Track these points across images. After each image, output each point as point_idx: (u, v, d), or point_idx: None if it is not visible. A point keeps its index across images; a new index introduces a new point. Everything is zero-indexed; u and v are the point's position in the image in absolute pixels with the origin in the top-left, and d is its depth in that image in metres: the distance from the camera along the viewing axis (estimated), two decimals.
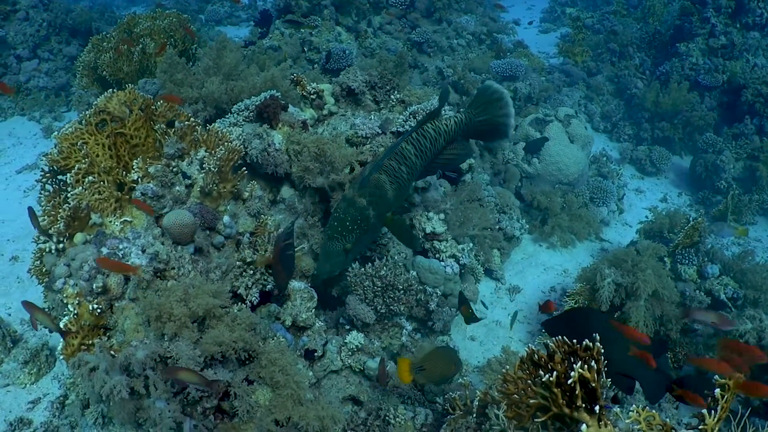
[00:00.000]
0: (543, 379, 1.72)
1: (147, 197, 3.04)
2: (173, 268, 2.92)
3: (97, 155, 3.20)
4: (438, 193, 4.23)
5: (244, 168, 3.37)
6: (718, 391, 1.94)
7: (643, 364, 2.35)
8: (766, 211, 6.39)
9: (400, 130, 4.17)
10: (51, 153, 3.22)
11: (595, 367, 1.69)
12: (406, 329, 3.72)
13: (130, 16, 5.96)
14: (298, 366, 3.01)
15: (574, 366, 1.69)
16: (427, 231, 4.07)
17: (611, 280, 4.04)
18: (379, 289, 3.48)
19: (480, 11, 8.67)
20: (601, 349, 1.75)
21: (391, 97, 4.58)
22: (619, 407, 2.29)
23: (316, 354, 3.33)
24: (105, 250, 2.84)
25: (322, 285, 3.67)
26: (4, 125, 7.00)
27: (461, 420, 2.96)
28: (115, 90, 3.40)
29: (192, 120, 3.47)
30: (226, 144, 3.29)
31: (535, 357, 1.82)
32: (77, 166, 3.10)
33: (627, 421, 1.88)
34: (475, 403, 2.91)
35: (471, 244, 4.41)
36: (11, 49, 7.43)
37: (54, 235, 2.90)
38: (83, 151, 3.15)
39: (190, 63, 5.39)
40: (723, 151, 6.64)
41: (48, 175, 3.26)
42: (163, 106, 3.44)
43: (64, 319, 2.69)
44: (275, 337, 3.08)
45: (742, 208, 6.09)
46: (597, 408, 1.69)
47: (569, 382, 1.69)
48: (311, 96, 4.44)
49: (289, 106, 4.11)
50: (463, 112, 3.58)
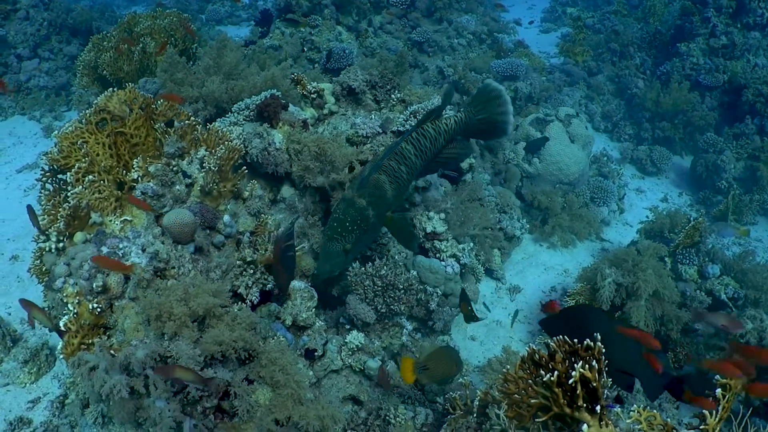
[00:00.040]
0: (544, 379, 1.72)
1: (147, 196, 3.04)
2: (173, 268, 2.92)
3: (98, 154, 3.20)
4: (439, 192, 4.22)
5: (245, 167, 3.36)
6: (719, 391, 1.94)
7: (641, 361, 2.35)
8: (766, 211, 6.39)
9: (401, 129, 4.17)
10: (51, 152, 3.22)
11: (596, 366, 1.69)
12: (407, 329, 3.71)
13: (130, 15, 5.96)
14: (299, 365, 3.01)
15: (575, 366, 1.68)
16: (428, 230, 4.07)
17: (612, 279, 4.03)
18: (379, 288, 3.47)
19: (481, 11, 8.67)
20: (602, 349, 1.75)
21: (392, 96, 4.57)
22: (620, 407, 2.28)
23: (316, 353, 3.32)
24: (105, 249, 2.84)
25: (323, 284, 3.66)
26: (5, 124, 7.00)
27: (462, 420, 2.95)
28: (115, 89, 3.40)
29: (192, 119, 3.47)
30: (226, 143, 3.28)
31: (536, 357, 1.82)
32: (77, 165, 3.10)
33: (628, 421, 1.88)
34: (476, 402, 2.90)
35: (471, 244, 4.41)
36: (12, 49, 7.43)
37: (53, 233, 2.89)
38: (83, 150, 3.14)
39: (191, 62, 5.39)
40: (724, 151, 6.64)
41: (48, 174, 3.25)
42: (164, 105, 3.44)
43: (64, 319, 2.68)
44: (275, 337, 3.08)
45: (743, 208, 6.09)
46: (598, 408, 1.69)
47: (570, 381, 1.68)
48: (312, 95, 4.44)
49: (290, 105, 4.10)
50: (462, 110, 3.57)
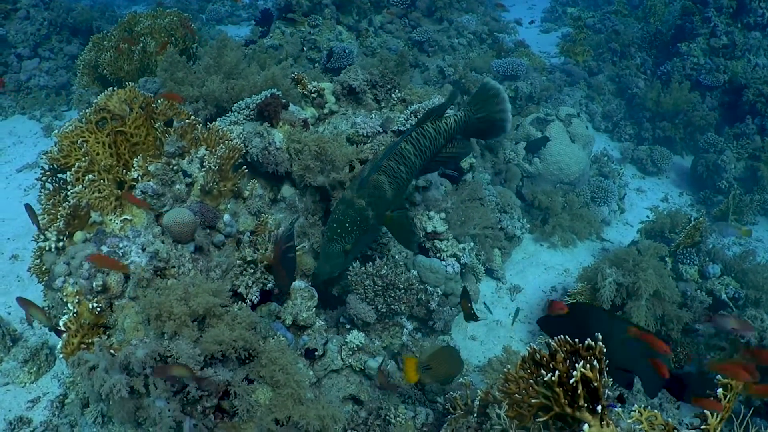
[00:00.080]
0: (545, 379, 1.71)
1: (147, 195, 3.03)
2: (173, 267, 2.91)
3: (98, 153, 3.19)
4: (439, 192, 4.22)
5: (245, 166, 3.36)
6: (720, 390, 1.94)
7: (641, 358, 2.35)
8: (767, 211, 6.38)
9: (401, 128, 4.16)
10: (51, 151, 3.21)
11: (598, 366, 1.68)
12: (407, 328, 3.71)
13: (130, 14, 5.96)
14: (299, 365, 3.00)
15: (576, 365, 1.68)
16: (428, 230, 4.07)
17: (612, 279, 4.03)
18: (379, 288, 3.47)
19: (481, 10, 8.66)
20: (604, 349, 1.74)
21: (392, 95, 4.57)
22: (621, 407, 2.28)
23: (316, 353, 3.32)
24: (105, 249, 2.83)
25: (323, 284, 3.66)
26: (5, 124, 6.99)
27: (462, 420, 2.95)
28: (115, 88, 3.39)
29: (192, 118, 3.46)
30: (226, 142, 3.28)
31: (537, 356, 1.82)
32: (77, 164, 3.09)
33: (629, 421, 1.87)
34: (476, 402, 2.90)
35: (472, 244, 4.40)
36: (12, 48, 7.42)
37: (53, 232, 2.89)
38: (83, 150, 3.14)
39: (191, 62, 5.38)
40: (724, 151, 6.63)
41: (48, 173, 3.25)
42: (164, 104, 3.43)
43: (64, 318, 2.68)
44: (275, 336, 3.08)
45: (743, 208, 6.08)
46: (599, 408, 1.69)
47: (571, 381, 1.68)
48: (312, 95, 4.43)
49: (290, 104, 4.10)
50: (462, 110, 3.58)
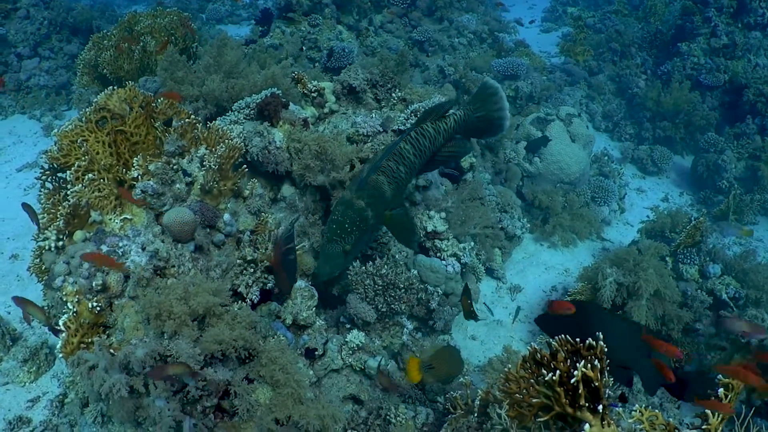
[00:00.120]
0: (546, 378, 1.71)
1: (147, 194, 3.03)
2: (173, 266, 2.91)
3: (97, 153, 3.19)
4: (439, 191, 4.21)
5: (245, 166, 3.36)
6: (721, 390, 1.93)
7: (640, 356, 2.35)
8: (767, 210, 6.38)
9: (401, 128, 4.16)
10: (51, 150, 3.20)
11: (599, 366, 1.68)
12: (407, 328, 3.70)
13: (130, 14, 5.95)
14: (299, 365, 3.00)
15: (577, 365, 1.68)
16: (429, 229, 4.06)
17: (613, 279, 4.03)
18: (380, 287, 3.46)
19: (481, 10, 8.66)
20: (605, 348, 1.74)
21: (393, 95, 4.56)
22: (623, 406, 2.28)
23: (316, 353, 3.31)
24: (105, 248, 2.83)
25: (323, 284, 3.65)
26: (5, 123, 6.99)
27: (462, 419, 2.94)
28: (115, 87, 3.39)
29: (192, 117, 3.46)
30: (226, 141, 3.27)
31: (538, 356, 1.81)
32: (77, 163, 3.08)
33: (630, 421, 1.87)
34: (477, 402, 2.89)
35: (472, 243, 4.40)
36: (12, 47, 7.42)
37: (52, 232, 2.88)
38: (83, 149, 3.13)
39: (191, 61, 5.38)
40: (724, 151, 6.63)
41: (48, 172, 3.24)
42: (164, 103, 3.43)
43: (64, 317, 2.67)
44: (275, 336, 3.07)
45: (744, 208, 6.08)
46: (600, 407, 1.68)
47: (572, 381, 1.68)
48: (312, 94, 4.43)
49: (290, 104, 4.09)
50: (462, 109, 3.57)
